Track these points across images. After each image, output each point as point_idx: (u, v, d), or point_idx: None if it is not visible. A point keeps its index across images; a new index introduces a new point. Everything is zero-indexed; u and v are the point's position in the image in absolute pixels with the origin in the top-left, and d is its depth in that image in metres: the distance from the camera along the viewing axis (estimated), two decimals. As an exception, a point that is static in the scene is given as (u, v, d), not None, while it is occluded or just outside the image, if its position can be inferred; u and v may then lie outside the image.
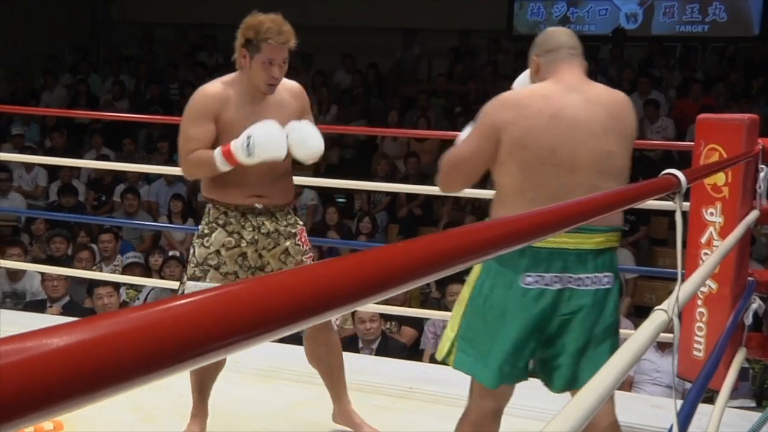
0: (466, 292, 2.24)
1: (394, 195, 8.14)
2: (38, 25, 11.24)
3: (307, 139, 2.63)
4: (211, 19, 10.82)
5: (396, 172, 8.49)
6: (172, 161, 8.03)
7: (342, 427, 3.05)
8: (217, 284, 2.60)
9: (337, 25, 10.71)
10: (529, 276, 2.11)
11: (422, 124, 8.81)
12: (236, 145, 2.51)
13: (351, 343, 4.82)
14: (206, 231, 2.70)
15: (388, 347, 4.72)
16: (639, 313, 6.36)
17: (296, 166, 2.83)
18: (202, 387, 2.86)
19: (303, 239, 2.79)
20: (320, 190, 8.21)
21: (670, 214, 5.90)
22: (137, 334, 0.46)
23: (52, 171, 8.69)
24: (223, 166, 2.54)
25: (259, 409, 3.20)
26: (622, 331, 2.28)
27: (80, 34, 12.02)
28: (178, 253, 6.78)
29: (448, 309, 5.27)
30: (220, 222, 2.69)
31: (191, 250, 2.73)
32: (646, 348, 1.41)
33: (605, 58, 10.08)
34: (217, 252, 2.67)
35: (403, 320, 5.34)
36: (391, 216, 8.24)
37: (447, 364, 2.28)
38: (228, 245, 2.68)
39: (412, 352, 5.18)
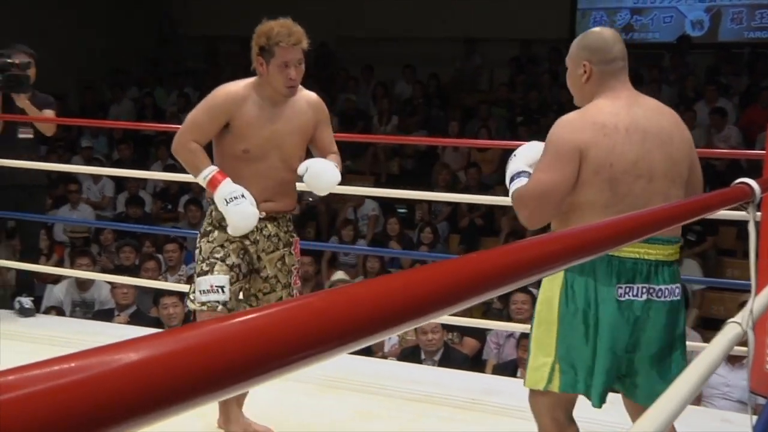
0: (551, 313, 2.19)
1: (455, 205, 8.10)
2: (108, 41, 11.50)
3: (321, 176, 2.72)
4: (274, 31, 10.93)
5: (457, 183, 8.45)
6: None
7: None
8: (224, 276, 2.69)
9: (397, 36, 10.73)
10: (620, 287, 2.11)
11: (483, 134, 8.76)
12: (225, 189, 2.64)
13: (413, 355, 4.81)
14: (209, 229, 2.79)
15: (450, 358, 4.69)
16: (706, 325, 6.21)
17: (358, 176, 2.88)
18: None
19: (297, 250, 2.91)
20: (381, 201, 8.22)
21: (739, 224, 5.78)
22: (214, 348, 0.46)
23: (120, 182, 8.87)
24: (202, 182, 2.69)
25: (324, 419, 3.20)
26: (690, 343, 2.25)
27: (147, 49, 12.27)
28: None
29: (510, 319, 5.22)
30: (224, 224, 2.74)
31: (197, 252, 2.81)
32: (720, 361, 1.38)
33: (668, 66, 9.92)
34: (221, 245, 2.75)
35: (465, 331, 5.30)
36: (453, 226, 8.20)
37: (549, 391, 2.20)
38: (231, 239, 2.75)
39: (475, 363, 5.14)
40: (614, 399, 2.24)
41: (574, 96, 2.29)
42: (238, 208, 2.63)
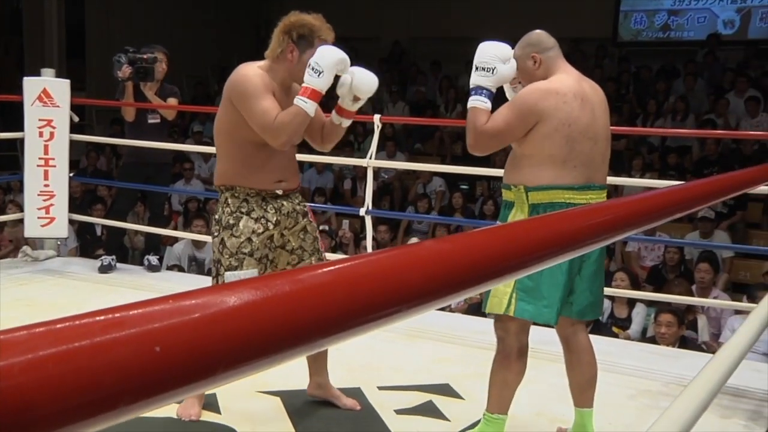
0: None
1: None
2: (215, 43, 11.67)
3: (365, 76, 2.48)
4: (357, 33, 10.92)
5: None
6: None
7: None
8: (253, 269, 2.46)
9: (461, 36, 10.62)
10: None
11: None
12: (307, 80, 2.34)
13: (479, 310, 4.80)
14: (231, 221, 2.49)
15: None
16: (735, 289, 6.09)
17: (426, 157, 2.82)
18: None
19: (313, 217, 2.66)
20: (447, 178, 8.19)
21: (766, 200, 5.57)
22: (308, 295, 0.43)
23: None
24: (312, 108, 2.34)
25: (410, 363, 3.24)
26: (721, 302, 2.21)
27: (248, 48, 12.40)
28: (326, 228, 6.93)
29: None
30: (243, 210, 2.49)
31: (218, 242, 2.50)
32: (762, 329, 1.36)
33: (702, 61, 9.62)
34: (249, 239, 2.48)
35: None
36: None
37: (506, 315, 2.33)
38: (257, 231, 2.48)
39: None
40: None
41: (527, 84, 2.42)
42: (320, 59, 2.32)
